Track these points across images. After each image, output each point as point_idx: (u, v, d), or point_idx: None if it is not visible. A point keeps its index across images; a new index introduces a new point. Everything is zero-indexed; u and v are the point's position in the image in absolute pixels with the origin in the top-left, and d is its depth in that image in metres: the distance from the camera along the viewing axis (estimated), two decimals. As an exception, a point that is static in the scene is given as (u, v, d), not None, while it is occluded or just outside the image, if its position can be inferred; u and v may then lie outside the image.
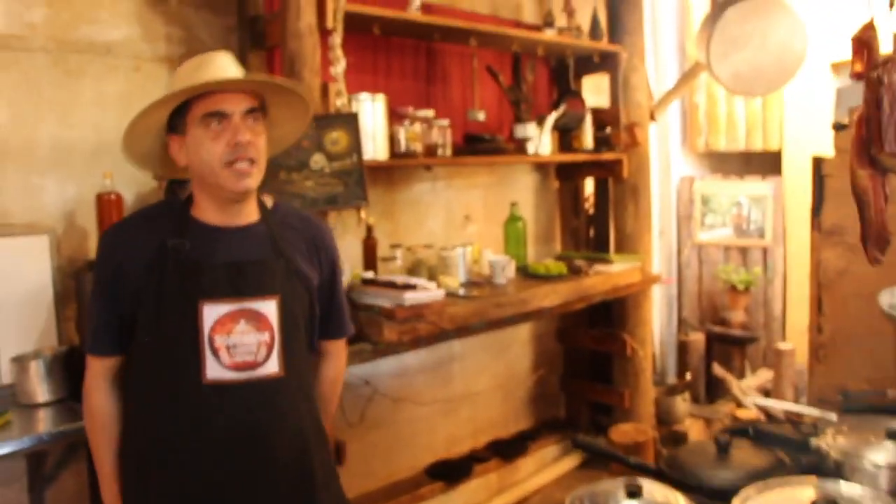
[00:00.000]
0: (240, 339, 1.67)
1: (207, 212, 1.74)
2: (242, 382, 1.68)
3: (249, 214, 1.78)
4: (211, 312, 1.66)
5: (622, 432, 3.92)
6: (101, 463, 1.80)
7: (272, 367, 1.71)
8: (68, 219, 2.76)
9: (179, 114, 1.68)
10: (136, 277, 1.68)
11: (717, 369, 4.74)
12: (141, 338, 1.70)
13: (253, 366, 1.69)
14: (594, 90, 4.50)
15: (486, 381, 4.29)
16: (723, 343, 5.03)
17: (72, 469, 2.60)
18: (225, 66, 1.72)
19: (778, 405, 3.28)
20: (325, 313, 1.94)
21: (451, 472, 3.88)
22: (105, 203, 2.66)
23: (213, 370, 1.66)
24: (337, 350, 2.08)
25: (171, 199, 1.86)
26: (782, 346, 4.38)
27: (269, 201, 1.88)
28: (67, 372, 2.54)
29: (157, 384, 1.70)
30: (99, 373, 1.78)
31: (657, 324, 5.33)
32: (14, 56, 2.65)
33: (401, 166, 3.46)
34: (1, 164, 2.64)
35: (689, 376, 4.92)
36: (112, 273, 1.72)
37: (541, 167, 4.49)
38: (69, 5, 2.76)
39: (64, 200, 2.77)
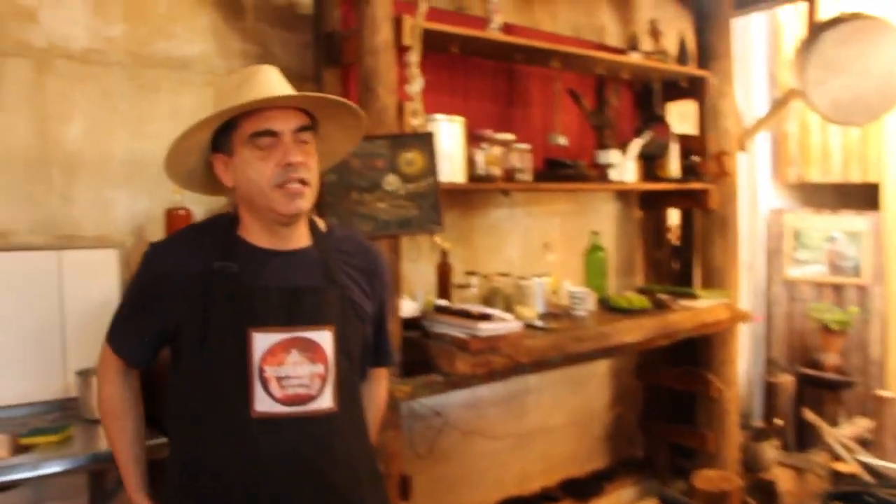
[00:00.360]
0: (292, 371, 1.57)
1: (256, 234, 1.64)
2: (294, 417, 1.57)
3: (300, 238, 1.68)
4: (261, 341, 1.56)
5: (707, 479, 3.68)
6: (117, 450, 1.75)
7: (326, 401, 1.60)
8: (137, 233, 2.75)
9: (225, 132, 1.59)
10: (178, 299, 1.59)
11: (809, 415, 4.45)
12: (185, 365, 1.61)
13: (305, 399, 1.58)
14: (679, 117, 4.31)
15: (560, 417, 4.12)
16: (815, 386, 4.74)
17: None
18: (272, 81, 1.62)
19: (887, 465, 3.00)
20: (375, 342, 1.84)
21: (521, 511, 3.72)
22: (174, 218, 2.64)
23: (263, 403, 1.55)
24: (378, 376, 1.96)
25: (219, 217, 1.74)
26: (884, 393, 4.07)
27: (322, 224, 1.76)
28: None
29: (202, 415, 1.59)
30: (112, 365, 1.73)
31: (742, 363, 5.05)
32: (91, 70, 2.66)
33: (478, 190, 3.36)
34: (74, 177, 2.64)
35: (778, 421, 4.62)
36: (152, 288, 1.65)
37: (622, 196, 4.32)
38: (147, 21, 2.77)
39: (134, 214, 2.75)
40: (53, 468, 2.09)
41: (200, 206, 2.78)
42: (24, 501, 2.54)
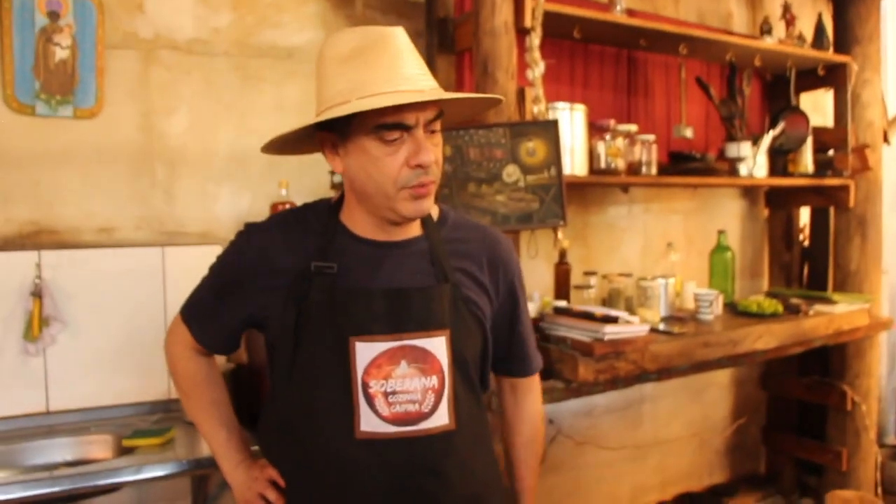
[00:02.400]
0: (400, 385, 1.36)
1: (361, 223, 1.43)
2: (404, 437, 1.36)
3: (410, 228, 1.46)
4: (365, 351, 1.36)
5: (843, 500, 3.38)
6: (206, 422, 1.59)
7: (441, 418, 1.38)
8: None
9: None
10: (270, 291, 1.42)
11: (954, 432, 4.07)
12: (279, 375, 1.44)
13: (417, 418, 1.37)
14: (811, 108, 4.00)
15: (678, 428, 3.88)
16: (960, 402, 4.34)
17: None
18: (397, 57, 1.32)
19: None
20: (506, 346, 1.61)
21: (636, 526, 3.52)
22: (279, 213, 2.54)
23: (368, 422, 1.35)
24: (525, 389, 1.70)
25: (319, 203, 1.53)
26: None
27: (434, 210, 1.52)
28: (234, 389, 2.41)
29: (299, 433, 1.42)
30: (188, 343, 1.57)
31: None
32: (197, 61, 2.61)
33: (597, 185, 3.16)
34: (179, 171, 2.60)
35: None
36: (241, 274, 1.46)
37: (748, 193, 4.05)
38: (254, 9, 2.70)
39: (238, 209, 2.69)
40: (155, 472, 2.03)
41: (307, 200, 2.69)
42: (128, 503, 2.52)
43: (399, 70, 1.31)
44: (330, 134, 1.37)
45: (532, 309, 2.84)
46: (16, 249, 2.33)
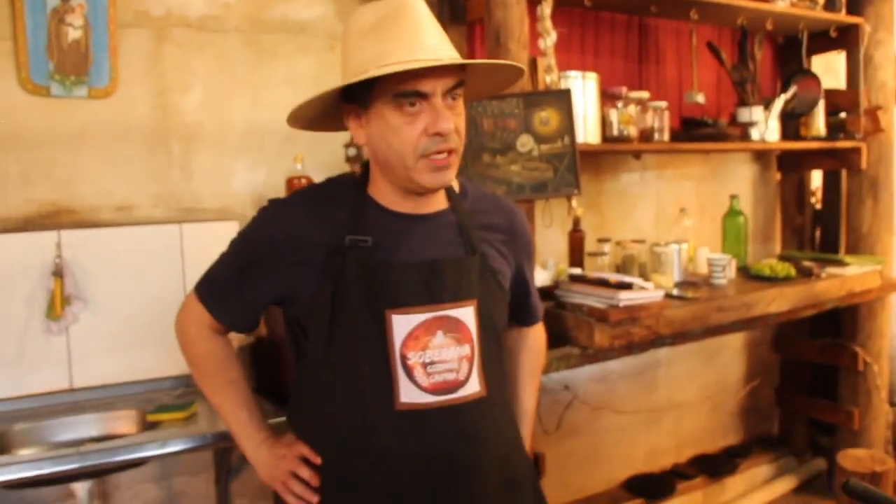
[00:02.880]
0: (437, 355, 1.38)
1: (388, 196, 1.45)
2: (442, 406, 1.39)
3: (437, 200, 1.48)
4: (402, 324, 1.37)
5: (854, 459, 3.42)
6: (226, 403, 1.57)
7: (474, 385, 1.42)
8: (257, 203, 2.68)
9: (361, 84, 1.33)
10: (298, 266, 1.42)
11: (966, 391, 4.09)
12: (314, 353, 1.45)
13: (454, 386, 1.39)
14: (823, 70, 3.98)
15: (692, 391, 3.92)
16: (972, 360, 4.34)
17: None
18: (423, 27, 1.34)
19: None
20: (518, 301, 1.65)
21: (651, 487, 3.58)
22: (295, 187, 2.55)
23: (408, 393, 1.37)
24: (527, 329, 1.80)
25: (344, 177, 1.53)
26: None
27: (455, 183, 1.54)
28: (255, 363, 2.47)
29: (337, 409, 1.43)
30: (204, 322, 1.54)
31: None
32: (209, 37, 2.61)
33: (610, 153, 3.17)
34: (194, 148, 2.61)
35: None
36: (267, 250, 1.45)
37: (760, 157, 4.04)
38: (264, -17, 2.69)
39: (254, 185, 2.70)
40: (179, 446, 2.07)
41: (322, 173, 2.70)
42: (152, 476, 2.58)
43: (418, 39, 1.32)
44: (353, 105, 1.39)
45: (547, 277, 2.87)
46: (36, 230, 2.36)
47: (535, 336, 1.82)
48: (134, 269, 2.48)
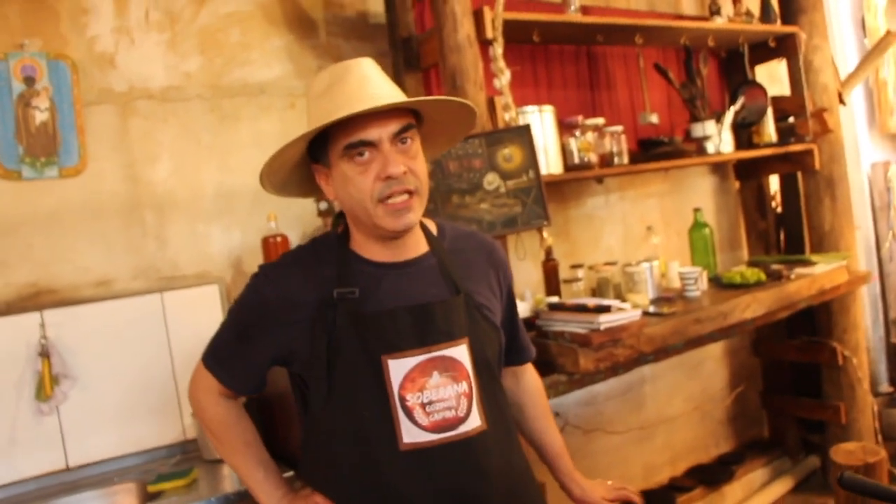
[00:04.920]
0: (435, 394, 1.43)
1: (369, 248, 1.51)
2: (446, 443, 1.42)
3: (417, 245, 1.55)
4: (398, 367, 1.42)
5: (847, 453, 3.46)
6: (242, 463, 1.60)
7: (474, 420, 1.46)
8: (235, 266, 2.74)
9: (320, 143, 1.43)
10: (293, 326, 1.47)
11: (943, 374, 4.19)
12: (316, 404, 1.49)
13: (455, 423, 1.44)
14: (767, 79, 4.12)
15: (680, 404, 3.97)
16: (944, 344, 4.46)
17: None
18: (365, 81, 1.42)
19: None
20: (508, 340, 1.69)
21: (652, 503, 3.58)
22: (271, 246, 2.60)
23: (410, 434, 1.41)
24: (522, 370, 1.83)
25: (326, 237, 1.59)
26: None
27: (432, 226, 1.62)
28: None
29: (344, 456, 1.46)
30: (213, 389, 1.59)
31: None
32: (173, 107, 2.67)
33: (573, 180, 3.24)
34: (168, 217, 2.65)
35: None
36: (263, 313, 1.50)
37: (717, 168, 4.16)
38: (221, 51, 2.77)
39: (230, 247, 2.74)
40: (184, 513, 2.07)
41: (296, 230, 2.76)
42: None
43: (364, 92, 1.40)
44: (319, 165, 1.48)
45: (526, 308, 2.92)
46: (18, 312, 2.37)
47: (531, 378, 1.85)
48: (119, 342, 2.49)
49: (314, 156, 1.47)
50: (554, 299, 2.93)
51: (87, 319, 2.46)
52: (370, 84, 1.42)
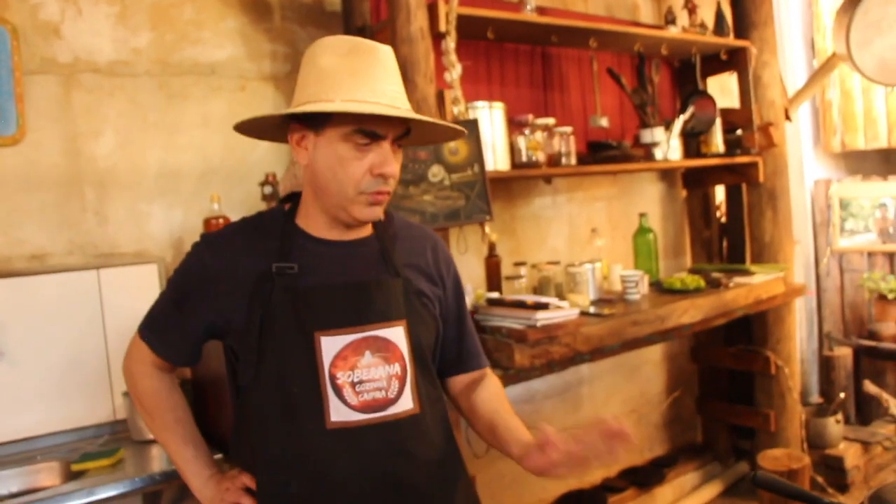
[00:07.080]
0: (366, 374, 1.42)
1: (316, 223, 1.50)
2: (373, 424, 1.42)
3: (362, 228, 1.54)
4: (330, 345, 1.41)
5: (773, 459, 3.57)
6: (173, 441, 1.58)
7: (406, 403, 1.45)
8: (176, 246, 2.70)
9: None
10: (231, 296, 1.45)
11: (870, 387, 4.31)
12: (246, 378, 1.46)
13: (384, 404, 1.43)
14: (719, 91, 4.20)
15: (616, 406, 4.03)
16: (874, 358, 4.58)
17: (188, 506, 2.51)
18: (390, 77, 1.42)
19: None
20: (458, 344, 1.67)
21: (583, 503, 3.63)
22: (213, 227, 2.57)
23: (338, 412, 1.40)
24: (479, 378, 1.73)
25: (273, 210, 1.58)
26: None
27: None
28: (198, 406, 2.45)
29: (271, 432, 1.44)
30: (148, 360, 1.57)
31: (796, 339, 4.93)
32: (120, 82, 2.62)
33: (520, 179, 3.28)
34: (109, 193, 2.60)
35: (842, 395, 4.47)
36: (202, 282, 1.48)
37: (666, 175, 4.22)
38: (173, 27, 2.72)
39: (171, 227, 2.71)
40: (107, 493, 2.04)
41: (238, 213, 2.72)
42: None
43: (384, 84, 1.40)
44: (301, 126, 1.43)
45: (466, 302, 2.93)
46: (-54, 283, 2.31)
47: (495, 383, 1.74)
48: (51, 317, 2.44)
49: (301, 115, 1.41)
50: (494, 295, 2.95)
51: (19, 292, 2.40)
52: (390, 79, 1.42)
